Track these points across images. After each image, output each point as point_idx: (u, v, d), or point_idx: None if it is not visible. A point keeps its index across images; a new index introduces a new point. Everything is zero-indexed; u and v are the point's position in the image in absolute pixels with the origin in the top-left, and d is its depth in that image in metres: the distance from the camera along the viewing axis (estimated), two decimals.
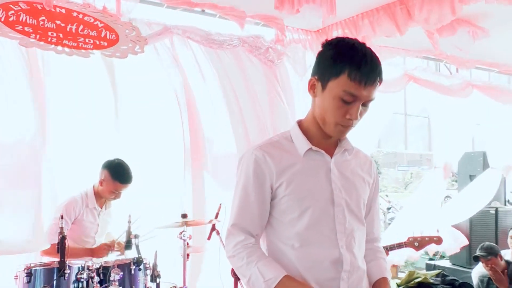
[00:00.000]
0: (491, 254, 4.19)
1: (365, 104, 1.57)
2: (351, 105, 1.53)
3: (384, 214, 10.97)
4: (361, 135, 4.55)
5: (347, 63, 1.51)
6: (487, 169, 5.86)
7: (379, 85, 1.56)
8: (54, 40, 3.02)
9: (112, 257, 3.10)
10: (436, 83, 5.09)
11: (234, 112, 3.74)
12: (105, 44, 3.19)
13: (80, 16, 3.15)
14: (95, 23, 3.19)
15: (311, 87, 1.63)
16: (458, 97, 5.26)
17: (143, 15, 3.45)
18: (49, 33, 3.03)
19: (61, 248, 2.35)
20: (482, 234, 5.57)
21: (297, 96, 4.08)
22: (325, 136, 1.65)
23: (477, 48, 4.16)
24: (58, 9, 3.09)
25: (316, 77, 1.61)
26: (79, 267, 2.55)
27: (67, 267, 2.43)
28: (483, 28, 3.92)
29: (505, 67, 5.46)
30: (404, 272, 5.68)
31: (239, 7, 3.66)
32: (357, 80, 1.50)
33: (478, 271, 4.57)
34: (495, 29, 4.02)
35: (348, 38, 1.62)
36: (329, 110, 1.56)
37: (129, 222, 2.80)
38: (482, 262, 4.23)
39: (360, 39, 1.65)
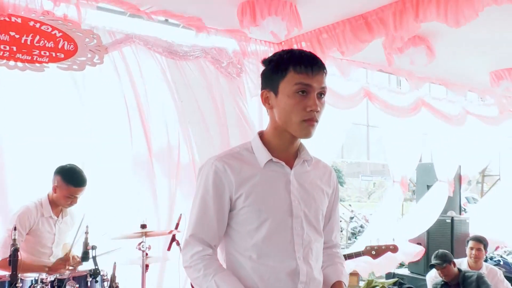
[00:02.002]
0: (445, 261, 4.33)
1: (319, 97, 1.61)
2: (307, 97, 1.57)
3: (347, 223, 11.15)
4: (323, 144, 4.64)
5: (290, 62, 1.59)
6: (436, 182, 6.05)
7: (325, 74, 1.63)
8: (6, 54, 2.94)
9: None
10: (387, 103, 5.22)
11: (195, 122, 3.73)
12: (62, 56, 3.12)
13: (37, 25, 3.07)
14: (53, 32, 3.11)
15: (265, 100, 1.66)
16: (407, 117, 5.42)
17: (105, 24, 3.40)
18: (2, 47, 2.95)
19: (13, 260, 2.27)
20: (439, 242, 5.75)
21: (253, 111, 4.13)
22: (286, 147, 1.67)
23: (432, 66, 4.34)
24: (13, 18, 3.00)
25: (266, 89, 1.66)
26: (32, 280, 2.47)
27: (19, 280, 2.35)
28: (434, 47, 4.08)
29: (454, 85, 5.71)
30: (365, 281, 5.78)
31: (202, 17, 3.69)
32: (303, 71, 1.57)
33: (432, 276, 4.70)
34: (446, 49, 4.21)
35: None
36: (289, 109, 1.58)
37: (86, 232, 2.74)
38: (438, 270, 4.37)
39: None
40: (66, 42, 3.15)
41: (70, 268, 2.97)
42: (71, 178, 3.05)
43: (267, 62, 1.67)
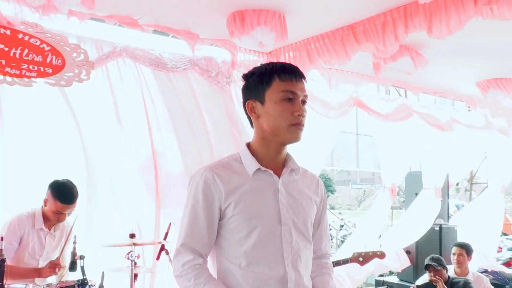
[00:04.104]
0: (440, 265, 4.38)
1: (302, 104, 1.69)
2: (293, 103, 1.65)
3: (336, 231, 11.17)
4: (311, 152, 4.65)
5: (274, 71, 1.68)
6: (421, 190, 6.08)
7: (306, 82, 1.73)
8: None
9: (55, 279, 3.00)
10: (377, 111, 5.26)
11: (183, 132, 3.74)
12: (50, 71, 3.13)
13: (26, 38, 3.07)
14: (42, 46, 3.12)
15: (251, 110, 1.71)
16: (397, 122, 5.46)
17: (93, 34, 3.40)
18: None
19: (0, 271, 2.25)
20: (427, 250, 5.76)
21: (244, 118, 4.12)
22: (273, 157, 1.72)
23: (421, 75, 4.40)
24: (2, 30, 3.00)
25: (251, 100, 1.71)
26: None
27: None
28: (423, 56, 4.14)
29: (446, 93, 5.79)
30: None
31: (192, 27, 3.72)
32: (287, 79, 1.67)
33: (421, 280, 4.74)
34: (436, 58, 4.27)
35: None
36: (277, 116, 1.65)
37: (74, 242, 2.73)
38: (430, 271, 4.40)
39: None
40: (54, 56, 3.16)
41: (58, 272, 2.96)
42: (59, 194, 3.04)
43: (248, 75, 1.74)
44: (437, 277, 4.26)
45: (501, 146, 6.71)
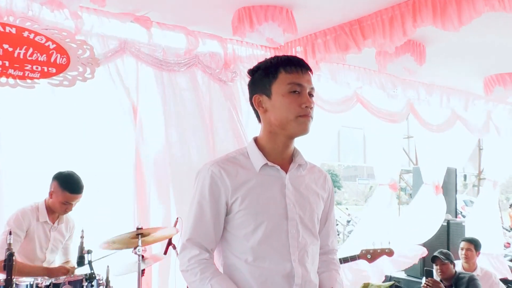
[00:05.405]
0: (448, 259, 4.38)
1: (309, 96, 1.68)
2: (300, 95, 1.65)
3: (343, 227, 11.16)
4: (314, 146, 4.61)
5: (279, 64, 1.68)
6: (422, 185, 6.03)
7: (312, 73, 1.73)
8: None
9: None
10: (378, 108, 5.19)
11: (186, 128, 3.76)
12: (54, 70, 3.10)
13: (32, 36, 3.04)
14: (47, 44, 3.08)
15: (258, 104, 1.71)
16: (396, 122, 5.39)
17: (98, 29, 3.39)
18: None
19: (8, 265, 2.27)
20: (435, 246, 5.74)
21: (248, 115, 4.12)
22: (280, 151, 1.71)
23: (427, 70, 4.36)
24: (8, 28, 2.97)
25: (258, 94, 1.70)
26: (27, 285, 2.47)
27: (14, 285, 2.35)
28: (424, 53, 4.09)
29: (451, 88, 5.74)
30: None
31: (198, 24, 3.72)
32: (293, 71, 1.66)
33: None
34: (438, 54, 4.24)
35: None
36: (285, 108, 1.64)
37: (82, 237, 2.74)
38: (437, 264, 4.40)
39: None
40: (59, 55, 3.12)
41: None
42: (67, 184, 3.05)
43: (254, 69, 1.74)
44: (431, 281, 4.24)
45: (497, 142, 6.62)
